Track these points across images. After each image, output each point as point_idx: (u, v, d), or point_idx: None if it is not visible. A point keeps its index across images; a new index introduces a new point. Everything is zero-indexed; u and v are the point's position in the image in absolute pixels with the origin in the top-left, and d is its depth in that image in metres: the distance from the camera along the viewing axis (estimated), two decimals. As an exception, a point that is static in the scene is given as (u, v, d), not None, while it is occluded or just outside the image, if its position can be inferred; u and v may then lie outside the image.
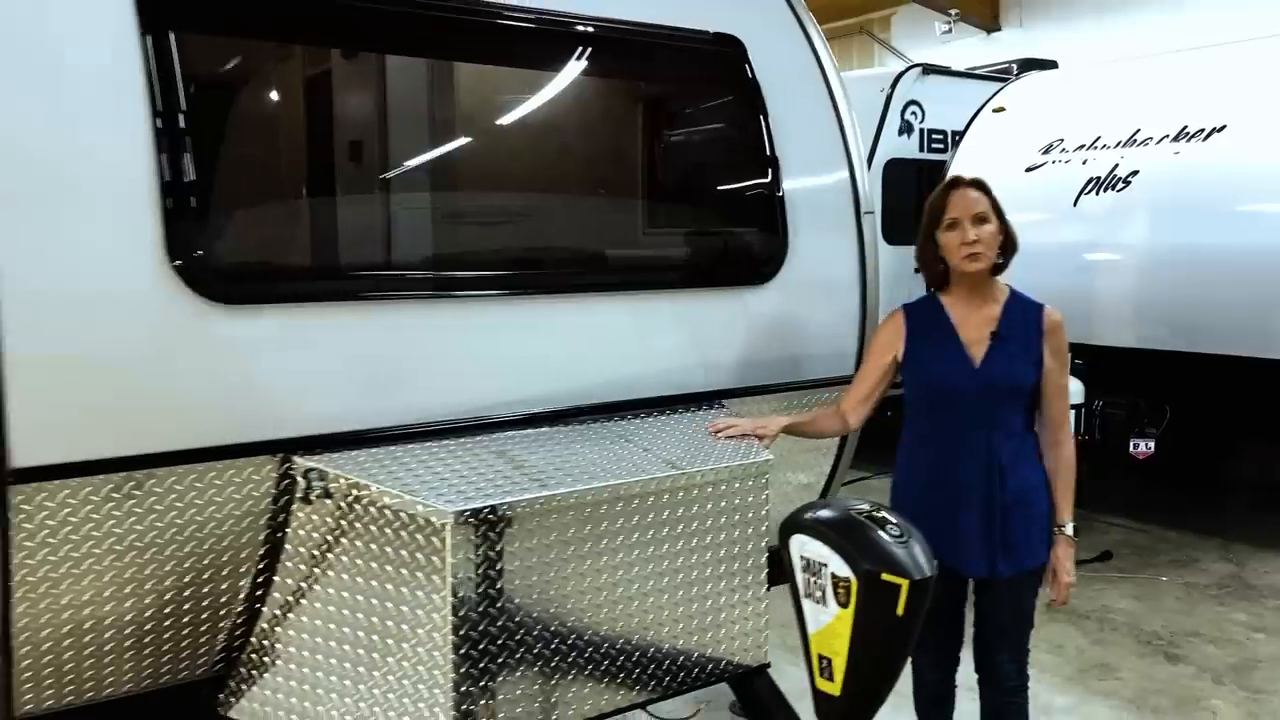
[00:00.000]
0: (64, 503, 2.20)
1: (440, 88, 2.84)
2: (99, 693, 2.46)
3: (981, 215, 2.67)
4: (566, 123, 3.14)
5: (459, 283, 2.68)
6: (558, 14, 2.89)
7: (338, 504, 2.37)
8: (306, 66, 2.67)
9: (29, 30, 2.16)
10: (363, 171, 2.75)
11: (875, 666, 1.80)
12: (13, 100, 2.12)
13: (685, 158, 3.42)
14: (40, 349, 2.13)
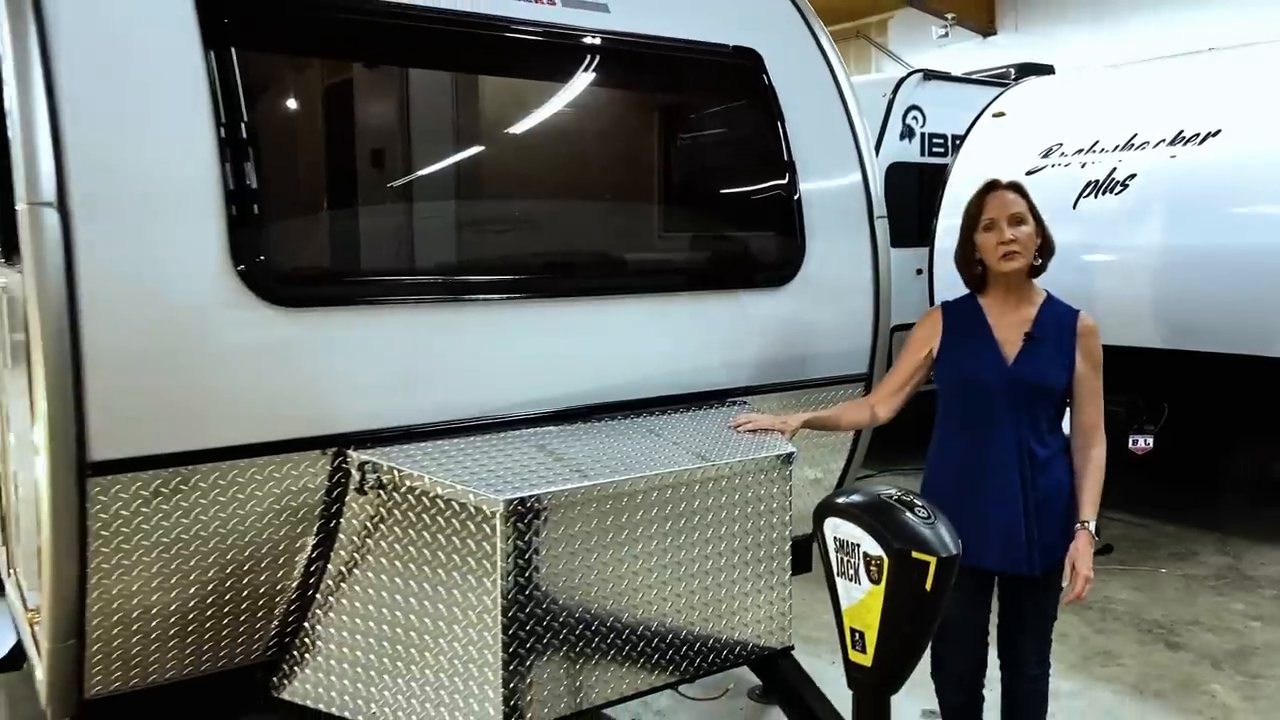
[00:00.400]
0: (136, 494, 2.35)
1: (482, 102, 2.98)
2: (161, 676, 2.60)
3: (1018, 216, 2.75)
4: (598, 134, 3.30)
5: (498, 286, 2.83)
6: (593, 31, 3.05)
7: (391, 494, 2.52)
8: (357, 82, 2.82)
9: (109, 51, 2.31)
10: (408, 182, 2.90)
11: (904, 639, 1.95)
12: (92, 116, 2.26)
13: (707, 165, 3.56)
14: (117, 350, 2.27)
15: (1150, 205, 5.98)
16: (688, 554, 2.69)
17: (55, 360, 2.19)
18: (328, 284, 2.58)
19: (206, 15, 2.44)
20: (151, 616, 2.50)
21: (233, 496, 2.48)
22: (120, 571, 2.39)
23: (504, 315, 2.83)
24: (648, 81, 3.36)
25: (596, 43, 3.11)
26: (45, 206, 2.18)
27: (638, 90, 3.39)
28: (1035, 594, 2.89)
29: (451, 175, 2.99)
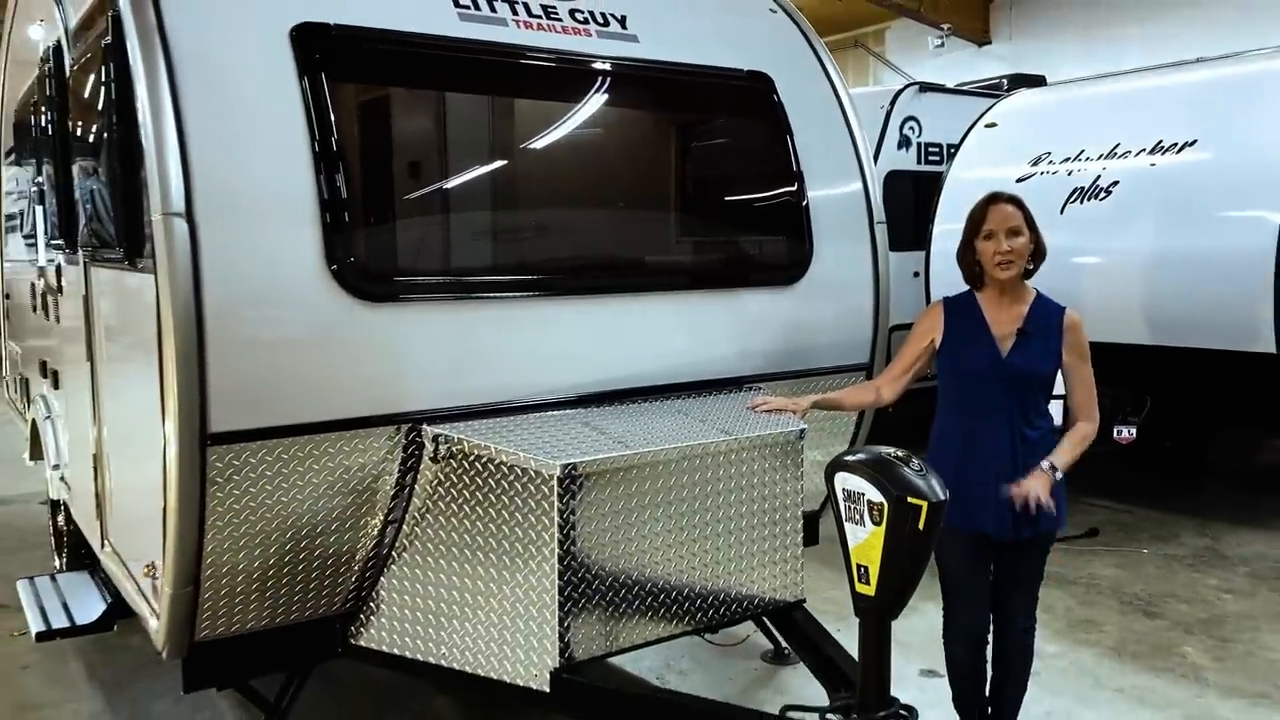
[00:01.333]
0: (245, 461, 2.74)
1: (531, 123, 3.39)
2: (256, 623, 3.00)
3: (1015, 229, 3.13)
4: (629, 149, 3.71)
5: (547, 285, 3.24)
6: (626, 59, 3.46)
7: (460, 462, 2.92)
8: (425, 106, 3.23)
9: (224, 87, 2.72)
10: (473, 192, 3.31)
11: (901, 571, 2.33)
12: (212, 140, 2.67)
13: (724, 176, 3.96)
14: (233, 338, 2.67)
15: (1132, 210, 6.38)
16: (713, 516, 3.08)
17: (183, 347, 2.59)
18: (404, 282, 2.98)
19: (301, 51, 2.85)
20: (253, 569, 2.89)
21: (324, 465, 2.87)
22: (230, 528, 2.78)
23: (551, 310, 3.24)
24: (672, 102, 3.77)
25: (628, 69, 3.52)
26: (176, 217, 2.58)
27: (663, 110, 3.79)
28: (1024, 558, 3.29)
29: (505, 188, 3.40)
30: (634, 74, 3.56)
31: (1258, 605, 5.05)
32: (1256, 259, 5.67)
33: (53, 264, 4.20)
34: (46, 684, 4.30)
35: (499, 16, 3.29)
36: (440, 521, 3.00)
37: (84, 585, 4.27)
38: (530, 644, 2.83)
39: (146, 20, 2.68)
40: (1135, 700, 4.02)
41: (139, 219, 2.84)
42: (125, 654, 4.55)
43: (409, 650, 3.06)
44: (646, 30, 3.62)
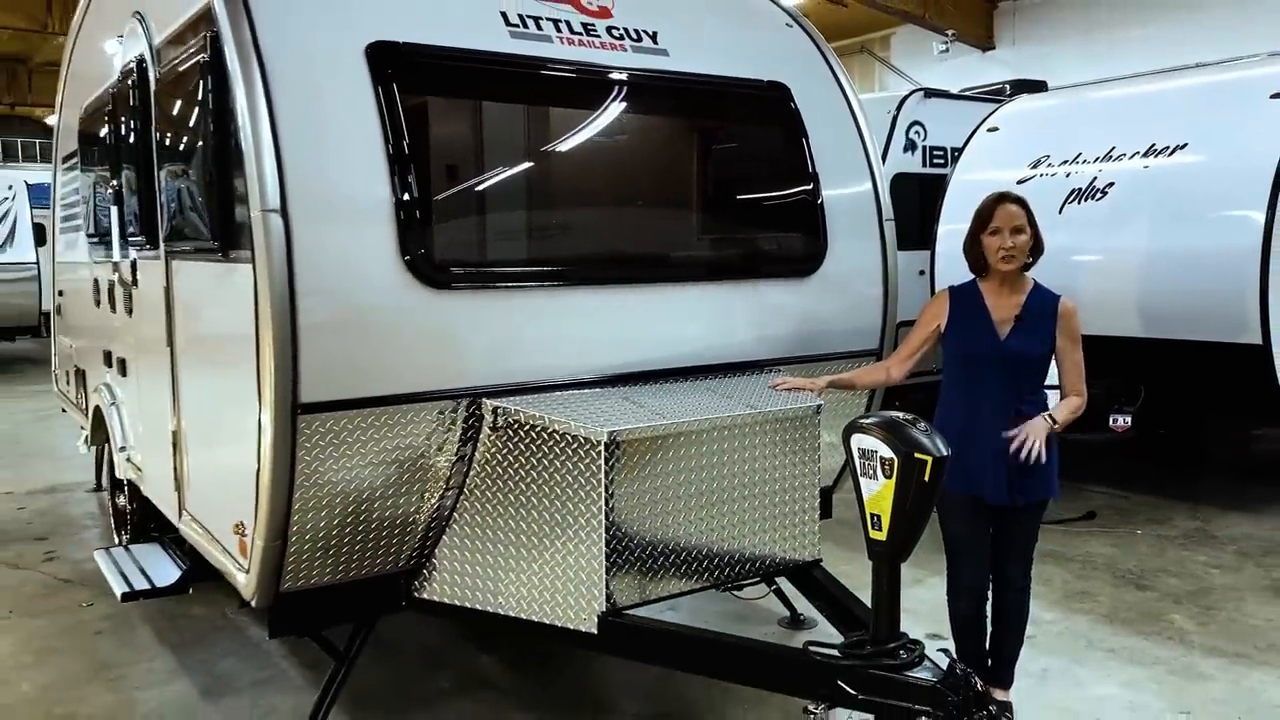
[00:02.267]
0: (330, 429, 3.10)
1: (577, 129, 3.75)
2: (333, 577, 3.36)
3: (1019, 227, 3.49)
4: (662, 153, 4.07)
5: (592, 276, 3.61)
6: (658, 71, 3.83)
7: (517, 431, 3.28)
8: (484, 115, 3.59)
9: (311, 98, 3.09)
10: (524, 191, 3.68)
11: (909, 518, 2.67)
12: (302, 145, 3.03)
13: (746, 177, 4.31)
14: (320, 320, 3.03)
15: (1127, 210, 6.73)
16: (739, 481, 3.43)
17: (279, 328, 2.95)
18: (467, 272, 3.34)
19: (374, 67, 3.22)
20: (331, 527, 3.25)
21: (395, 433, 3.23)
22: (314, 489, 3.14)
23: (594, 298, 3.60)
24: (698, 110, 4.13)
25: (658, 80, 3.89)
26: (273, 213, 2.94)
27: (690, 117, 4.15)
28: (1020, 522, 3.63)
29: (553, 187, 3.77)
30: (664, 85, 3.92)
31: (1243, 579, 5.39)
32: (1243, 256, 6.01)
33: (127, 260, 4.56)
34: (120, 647, 4.67)
35: (545, 34, 3.66)
36: (497, 485, 3.36)
37: (156, 554, 4.65)
38: (579, 591, 3.18)
39: (244, 39, 3.04)
40: (1124, 659, 4.36)
41: (231, 216, 3.22)
42: (188, 621, 4.92)
43: (468, 601, 3.42)
44: (675, 45, 3.98)
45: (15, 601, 5.31)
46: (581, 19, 3.79)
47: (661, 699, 4.03)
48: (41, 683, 4.29)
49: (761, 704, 3.93)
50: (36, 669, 4.44)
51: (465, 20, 3.52)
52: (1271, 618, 4.82)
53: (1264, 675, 4.18)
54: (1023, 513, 3.60)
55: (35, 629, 4.93)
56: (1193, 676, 4.18)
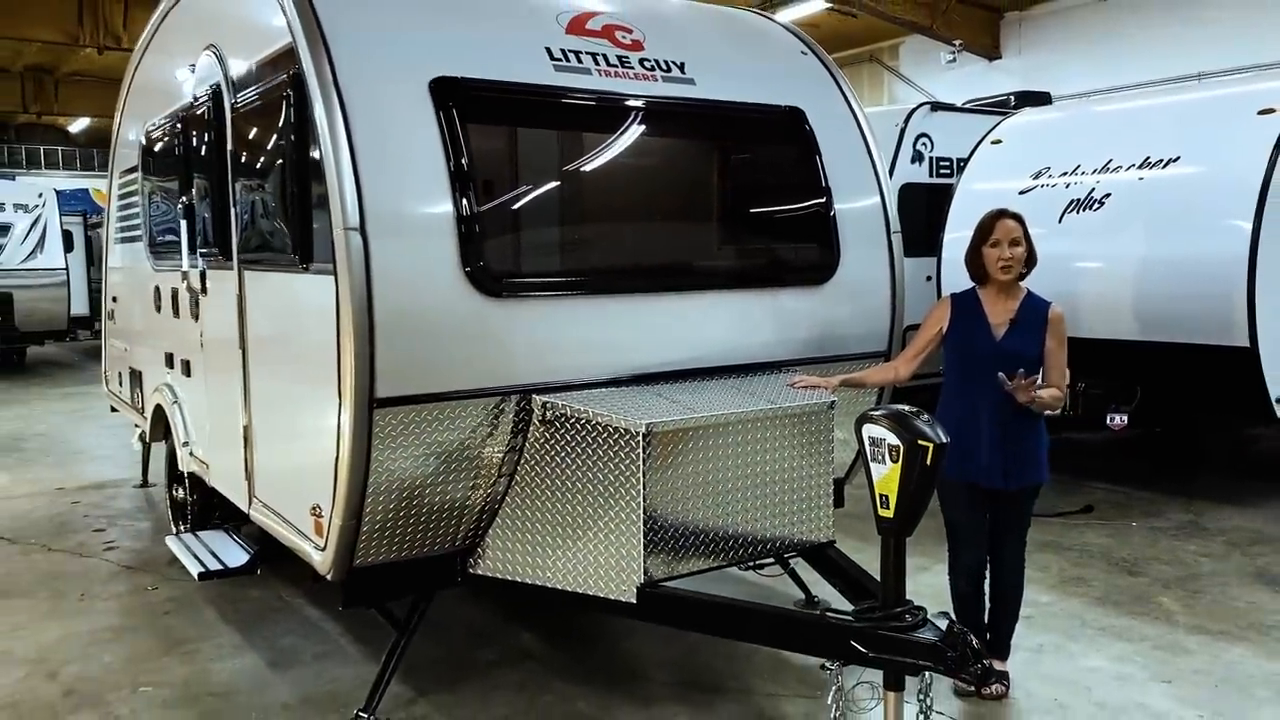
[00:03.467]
0: (401, 421, 3.51)
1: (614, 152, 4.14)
2: (399, 554, 3.76)
3: (1016, 240, 3.91)
4: (690, 173, 4.49)
5: (627, 285, 4.01)
6: (685, 99, 4.23)
7: (563, 424, 3.67)
8: (533, 139, 4.00)
9: (383, 126, 3.49)
10: (566, 208, 4.08)
11: (913, 498, 3.05)
12: (377, 169, 3.44)
13: (765, 193, 4.69)
14: (393, 325, 3.43)
15: (1123, 220, 7.09)
16: (760, 469, 3.82)
17: (359, 331, 3.35)
18: (518, 282, 3.74)
19: (437, 99, 3.63)
20: (399, 509, 3.65)
21: (456, 425, 3.63)
22: (385, 474, 3.54)
23: (629, 305, 4.00)
24: (723, 133, 4.52)
25: (687, 107, 4.29)
26: (353, 231, 3.35)
27: (715, 139, 4.54)
28: (1014, 505, 4.03)
29: (591, 204, 4.17)
30: (691, 111, 4.32)
31: (1229, 566, 5.76)
32: (1232, 263, 6.37)
33: (196, 269, 4.98)
34: (188, 625, 5.07)
35: (584, 67, 4.07)
36: (545, 471, 3.75)
37: (222, 540, 5.06)
38: (620, 566, 3.57)
39: (325, 77, 3.45)
40: (1114, 636, 4.73)
41: (310, 232, 3.63)
42: (247, 603, 5.33)
43: (518, 575, 3.82)
44: (701, 74, 4.38)
45: (86, 586, 5.73)
46: (617, 52, 4.19)
47: (689, 669, 4.42)
48: (122, 656, 4.70)
49: (779, 672, 4.32)
50: (115, 644, 4.85)
51: (514, 56, 3.93)
52: (1253, 601, 5.18)
53: (1242, 650, 4.54)
54: (1016, 496, 3.99)
55: (108, 609, 5.34)
56: (1177, 651, 4.55)
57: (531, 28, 4.08)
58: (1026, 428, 3.96)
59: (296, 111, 3.61)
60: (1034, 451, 3.99)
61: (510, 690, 4.22)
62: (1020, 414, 3.92)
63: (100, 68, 21.87)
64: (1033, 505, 4.11)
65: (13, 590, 5.67)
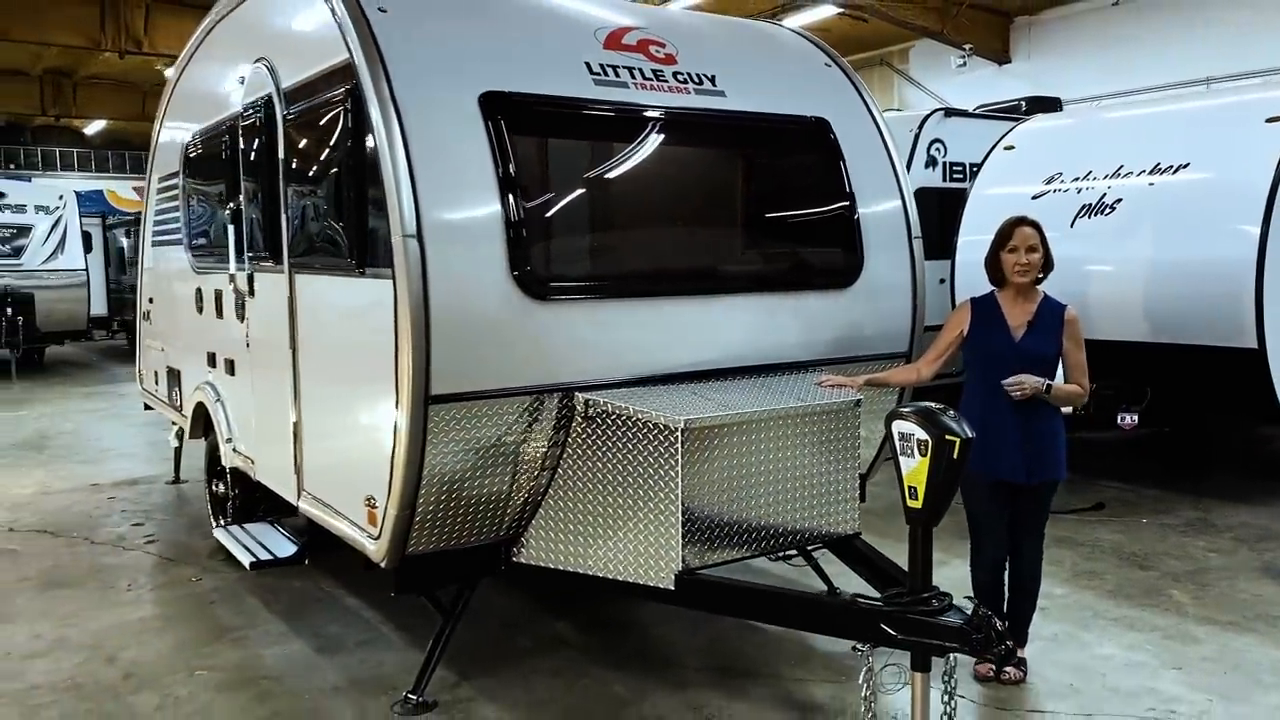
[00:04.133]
0: (453, 417, 3.71)
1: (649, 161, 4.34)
2: (447, 543, 3.96)
3: (1033, 246, 4.12)
4: (720, 181, 4.69)
5: (663, 288, 4.21)
6: (718, 110, 4.45)
7: (605, 420, 3.87)
8: (576, 149, 4.20)
9: (436, 139, 3.70)
10: (606, 216, 4.29)
11: (940, 489, 3.24)
12: (432, 180, 3.64)
13: (793, 201, 4.89)
14: (448, 326, 3.63)
15: (1134, 224, 7.27)
16: (790, 464, 4.01)
17: (416, 333, 3.56)
18: (562, 285, 3.94)
19: (486, 112, 3.84)
20: (450, 500, 3.85)
21: (504, 421, 3.83)
22: (439, 467, 3.75)
23: (665, 307, 4.20)
24: (752, 143, 4.71)
25: (718, 118, 4.49)
26: (411, 238, 3.55)
27: (745, 149, 4.73)
28: (1033, 499, 4.23)
29: (629, 212, 4.37)
30: (722, 122, 4.53)
31: (1238, 561, 5.94)
32: (1240, 266, 6.55)
33: (244, 272, 5.19)
34: (234, 614, 5.29)
35: (622, 81, 4.27)
36: (587, 465, 3.95)
37: (269, 531, 5.29)
38: (658, 554, 3.77)
39: (383, 92, 3.66)
40: (1126, 626, 4.92)
41: (366, 237, 3.84)
42: (289, 593, 5.54)
43: (560, 564, 4.02)
44: (731, 87, 4.58)
45: (132, 577, 5.95)
46: (652, 66, 4.40)
47: (719, 656, 4.61)
48: (174, 642, 4.92)
49: (806, 659, 4.51)
50: (167, 631, 5.07)
51: (557, 71, 4.14)
52: (1261, 594, 5.37)
53: (1250, 640, 4.73)
54: (1036, 491, 4.19)
55: (155, 599, 5.56)
56: (1187, 640, 4.74)
57: (571, 43, 4.28)
58: (1047, 425, 4.15)
59: (354, 123, 3.82)
60: (1054, 448, 4.19)
61: (548, 675, 4.42)
62: (1041, 412, 4.11)
63: (118, 71, 22.23)
64: (1051, 500, 4.31)
65: (62, 581, 5.89)
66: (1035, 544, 4.31)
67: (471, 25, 4.14)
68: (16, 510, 7.62)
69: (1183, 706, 4.06)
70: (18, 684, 4.46)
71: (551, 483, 4.03)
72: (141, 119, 26.62)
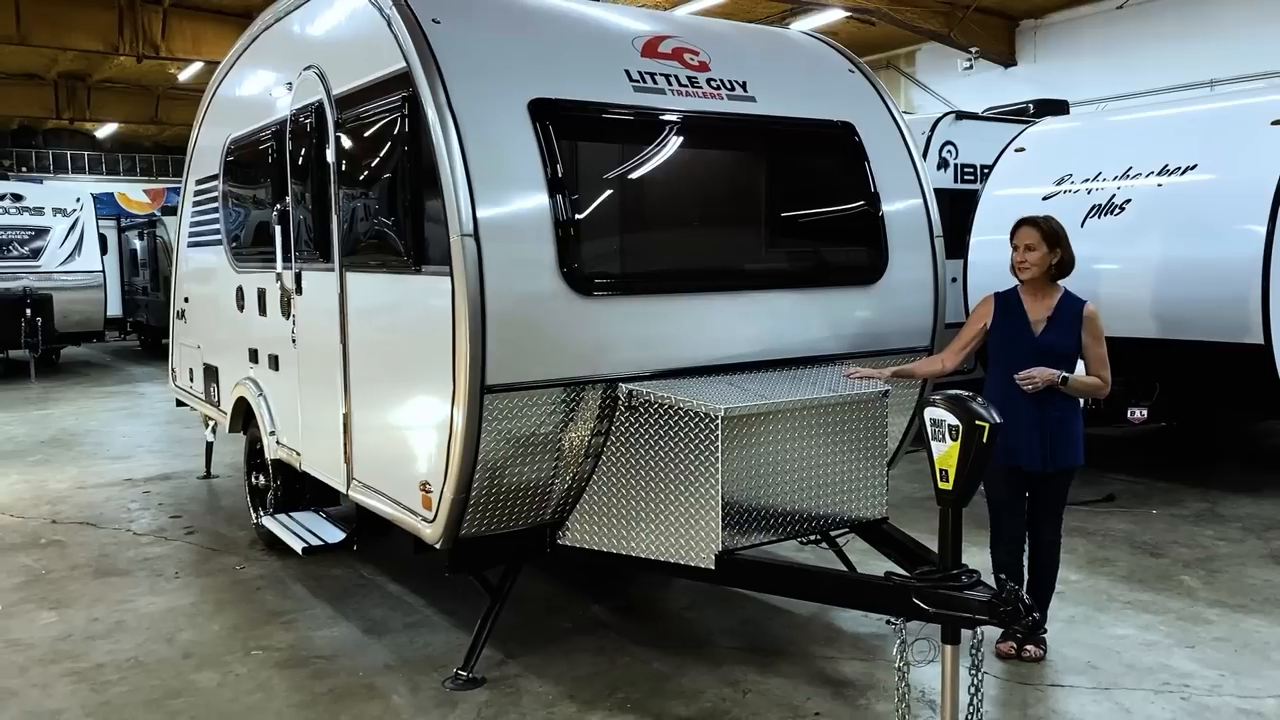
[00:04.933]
0: (506, 405, 3.92)
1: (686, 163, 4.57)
2: (497, 527, 4.17)
3: (1030, 245, 4.35)
4: (753, 182, 4.91)
5: (701, 285, 4.44)
6: (749, 115, 4.67)
7: (647, 409, 4.08)
8: (618, 152, 4.41)
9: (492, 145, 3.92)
10: (646, 215, 4.51)
11: (970, 472, 3.44)
12: (487, 183, 3.86)
13: (821, 201, 5.11)
14: (501, 320, 3.84)
15: (1143, 224, 7.47)
16: (822, 451, 4.22)
17: (473, 327, 3.77)
18: (607, 281, 4.16)
19: (535, 118, 4.06)
20: (500, 485, 4.07)
21: (551, 410, 4.05)
22: (492, 453, 3.96)
23: (703, 303, 4.42)
24: (782, 146, 4.93)
25: (749, 122, 4.71)
26: (468, 237, 3.77)
27: (775, 152, 4.93)
28: (1051, 485, 4.45)
29: (667, 211, 4.59)
30: (753, 126, 4.75)
31: (1245, 549, 6.14)
32: (1246, 264, 6.76)
33: (291, 270, 5.40)
34: (281, 599, 5.50)
35: (659, 87, 4.49)
36: (630, 452, 4.16)
37: (316, 519, 5.51)
38: (699, 536, 3.98)
39: (440, 99, 3.88)
40: (1139, 609, 5.13)
41: (423, 237, 4.06)
42: (332, 580, 5.76)
43: (604, 545, 4.24)
44: (762, 92, 4.80)
45: (178, 566, 6.17)
46: (687, 73, 4.62)
47: (750, 636, 4.83)
48: (228, 624, 5.14)
49: (834, 639, 4.73)
50: (219, 615, 5.28)
51: (599, 78, 4.36)
52: (1269, 579, 5.58)
53: (1258, 621, 4.94)
54: (1054, 477, 4.40)
55: (204, 586, 5.78)
56: (1198, 622, 4.95)
57: (612, 52, 4.51)
58: (1064, 414, 4.37)
59: (411, 128, 4.04)
60: (1071, 436, 4.41)
61: (590, 653, 4.64)
62: (1058, 402, 4.32)
63: (132, 74, 22.49)
64: (1068, 486, 4.52)
65: (111, 570, 6.11)
66: (1053, 529, 4.53)
67: (519, 35, 4.37)
68: (57, 504, 7.85)
69: (1196, 681, 4.27)
70: (84, 663, 4.68)
71: (595, 469, 4.24)
72: (153, 122, 26.94)
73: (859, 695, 4.17)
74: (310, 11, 5.28)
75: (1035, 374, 4.26)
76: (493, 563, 4.39)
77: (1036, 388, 4.26)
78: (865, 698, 4.15)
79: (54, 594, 5.68)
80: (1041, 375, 4.26)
